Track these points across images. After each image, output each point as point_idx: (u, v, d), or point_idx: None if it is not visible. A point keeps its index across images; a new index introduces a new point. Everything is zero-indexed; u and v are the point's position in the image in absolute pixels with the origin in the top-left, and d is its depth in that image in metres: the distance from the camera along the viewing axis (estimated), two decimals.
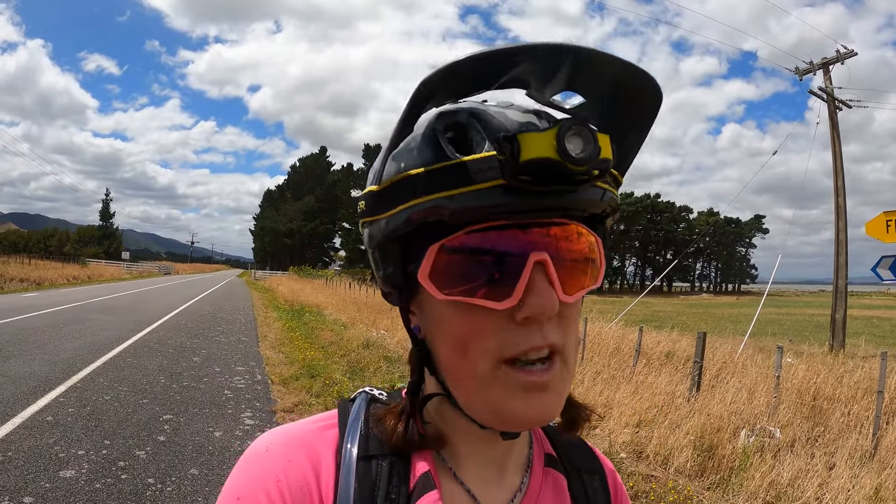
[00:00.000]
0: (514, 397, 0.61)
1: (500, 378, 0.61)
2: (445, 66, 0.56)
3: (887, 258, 9.37)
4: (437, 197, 0.58)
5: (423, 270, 0.61)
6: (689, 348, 10.98)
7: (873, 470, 5.47)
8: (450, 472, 0.71)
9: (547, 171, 0.55)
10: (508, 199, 0.56)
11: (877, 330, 24.43)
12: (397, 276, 0.65)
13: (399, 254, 0.64)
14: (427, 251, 0.61)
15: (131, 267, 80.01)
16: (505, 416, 0.62)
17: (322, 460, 0.68)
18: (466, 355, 0.62)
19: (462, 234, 0.59)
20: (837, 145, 19.72)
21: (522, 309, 0.59)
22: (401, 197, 0.61)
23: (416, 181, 0.60)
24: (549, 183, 0.57)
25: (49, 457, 5.35)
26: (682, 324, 16.76)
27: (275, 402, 8.03)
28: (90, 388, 8.08)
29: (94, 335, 13.48)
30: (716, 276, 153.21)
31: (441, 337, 0.65)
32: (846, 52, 19.66)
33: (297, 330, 16.20)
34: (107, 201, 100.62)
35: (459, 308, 0.61)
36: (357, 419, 0.72)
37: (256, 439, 0.72)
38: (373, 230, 0.66)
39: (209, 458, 5.64)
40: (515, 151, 0.55)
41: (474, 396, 0.63)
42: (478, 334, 0.61)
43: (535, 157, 0.54)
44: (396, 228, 0.62)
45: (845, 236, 19.48)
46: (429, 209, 0.58)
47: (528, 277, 0.59)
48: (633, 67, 0.61)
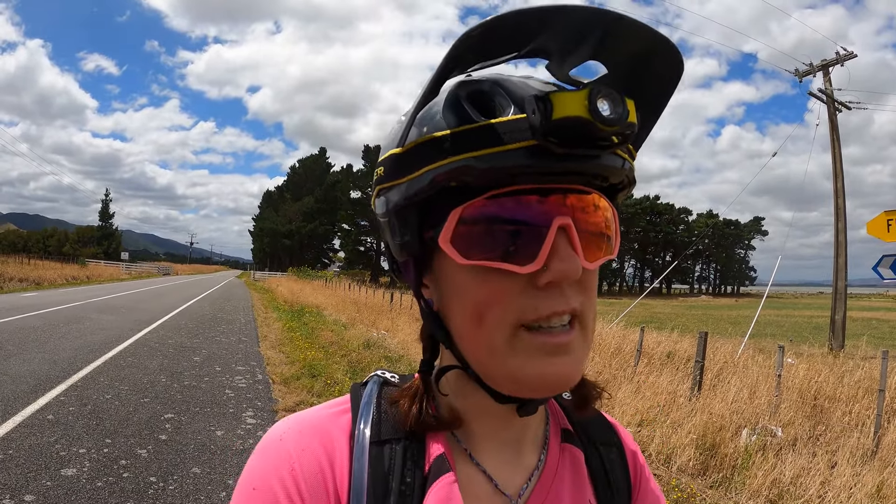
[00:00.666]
0: (535, 361, 0.61)
1: (519, 343, 0.61)
2: (491, 18, 0.55)
3: (888, 257, 9.38)
4: (465, 157, 0.57)
5: (444, 235, 0.61)
6: (689, 348, 10.99)
7: (875, 468, 5.47)
8: (465, 454, 0.71)
9: (577, 130, 0.55)
10: (535, 161, 0.56)
11: (876, 331, 24.40)
12: (414, 243, 0.64)
13: (417, 220, 0.64)
14: (449, 216, 0.60)
15: (130, 267, 79.91)
16: (525, 381, 0.62)
17: (336, 446, 0.68)
18: (484, 322, 0.61)
19: (484, 198, 0.59)
20: (837, 147, 19.74)
21: (546, 273, 0.59)
22: (425, 158, 0.60)
23: (443, 142, 0.59)
24: (575, 145, 0.57)
25: (50, 455, 5.34)
26: (682, 325, 16.73)
27: (276, 401, 8.02)
28: (91, 387, 8.06)
29: (94, 335, 13.45)
30: (715, 278, 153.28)
31: (458, 306, 0.64)
32: (846, 54, 19.69)
33: (297, 330, 16.18)
34: (106, 202, 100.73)
35: (479, 274, 0.61)
36: (369, 403, 0.72)
37: (271, 428, 0.72)
38: (391, 195, 0.65)
39: (211, 457, 5.63)
40: (548, 110, 0.55)
41: (493, 364, 0.63)
42: (497, 300, 0.60)
43: (567, 115, 0.55)
44: (419, 191, 0.61)
45: (845, 238, 19.50)
46: (455, 170, 0.58)
47: (553, 242, 0.59)
48: (663, 38, 0.61)
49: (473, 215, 0.60)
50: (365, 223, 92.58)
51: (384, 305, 23.42)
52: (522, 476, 0.73)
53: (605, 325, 14.34)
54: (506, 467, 0.72)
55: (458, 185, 0.59)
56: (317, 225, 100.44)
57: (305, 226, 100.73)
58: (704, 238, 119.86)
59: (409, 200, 0.62)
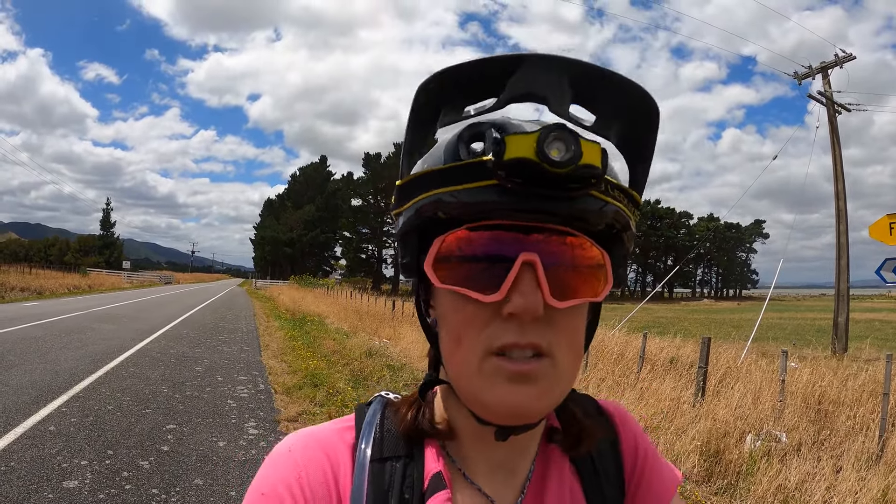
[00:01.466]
0: (497, 386, 0.63)
1: (487, 367, 0.63)
2: (438, 72, 0.63)
3: (891, 260, 9.36)
4: (439, 192, 0.63)
5: (427, 260, 0.65)
6: (692, 354, 10.97)
7: (880, 472, 5.45)
8: (460, 474, 0.74)
9: (528, 171, 0.58)
10: (504, 199, 0.60)
11: (879, 333, 24.35)
12: (412, 266, 0.69)
13: (416, 246, 0.68)
14: (433, 242, 0.65)
15: (132, 276, 80.00)
16: (488, 405, 0.64)
17: (341, 460, 0.73)
18: (460, 346, 0.65)
19: (464, 228, 0.63)
20: (837, 149, 19.75)
21: (507, 305, 0.62)
22: (415, 191, 0.66)
23: (430, 178, 0.64)
24: (536, 185, 0.59)
25: (52, 467, 5.33)
26: (685, 330, 16.75)
27: (278, 411, 8.01)
28: (92, 398, 8.06)
29: (96, 345, 13.46)
30: (717, 281, 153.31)
31: (444, 328, 0.68)
32: (845, 56, 19.72)
33: (299, 339, 16.18)
34: (107, 211, 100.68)
35: (456, 300, 0.65)
36: (372, 422, 0.76)
37: (281, 441, 0.77)
38: (399, 220, 0.70)
39: (213, 468, 5.61)
40: (501, 151, 0.58)
41: (466, 385, 0.66)
42: (469, 326, 0.64)
43: (515, 157, 0.58)
44: (409, 220, 0.67)
45: (846, 240, 19.48)
46: (432, 202, 0.63)
47: (515, 275, 0.61)
48: (630, 84, 0.65)
49: (451, 243, 0.64)
50: (366, 231, 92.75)
51: (386, 313, 23.43)
52: (516, 488, 0.76)
53: (607, 330, 14.31)
54: (499, 486, 0.75)
55: (446, 217, 0.63)
56: (318, 233, 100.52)
57: (307, 234, 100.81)
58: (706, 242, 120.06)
59: (407, 227, 0.67)
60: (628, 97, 0.66)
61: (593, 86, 0.66)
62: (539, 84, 0.66)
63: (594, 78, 0.65)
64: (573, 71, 0.64)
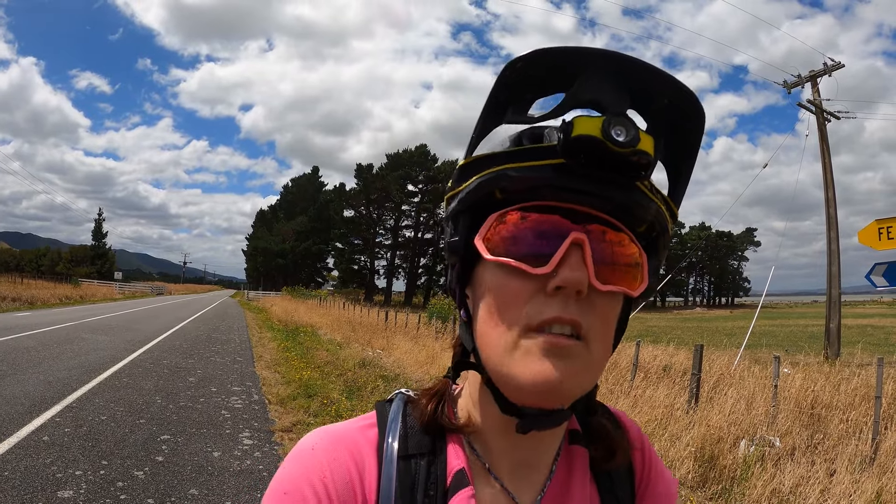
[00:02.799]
0: (531, 360, 0.64)
1: (523, 343, 0.65)
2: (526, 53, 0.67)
3: (881, 265, 9.41)
4: (504, 167, 0.66)
5: (479, 234, 0.68)
6: (685, 361, 11.01)
7: (874, 474, 5.49)
8: (484, 469, 0.75)
9: (592, 150, 0.62)
10: (560, 178, 0.64)
11: (871, 338, 24.42)
12: (461, 244, 0.70)
13: (468, 224, 0.70)
14: (487, 218, 0.68)
15: (124, 287, 79.56)
16: (519, 378, 0.65)
17: (365, 459, 0.73)
18: (500, 322, 0.66)
19: (517, 207, 0.67)
20: (827, 157, 19.88)
21: (554, 279, 0.64)
22: (479, 169, 0.68)
23: (494, 157, 0.67)
24: (594, 167, 0.63)
25: (46, 477, 5.30)
26: (678, 338, 16.77)
27: (273, 421, 7.99)
28: (86, 408, 8.01)
29: (89, 355, 13.40)
30: (709, 289, 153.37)
31: (483, 306, 0.69)
32: (833, 65, 19.88)
33: (292, 350, 16.16)
34: (99, 221, 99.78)
35: (501, 276, 0.66)
36: (396, 419, 0.77)
37: (302, 439, 0.76)
38: (453, 202, 0.72)
39: (208, 479, 5.59)
40: (569, 129, 0.62)
41: (500, 363, 0.67)
42: (512, 300, 0.66)
43: (582, 134, 0.61)
44: (467, 196, 0.69)
45: (837, 246, 19.58)
46: (495, 177, 0.66)
47: (565, 251, 0.64)
48: (691, 93, 0.68)
49: (505, 220, 0.67)
50: (358, 242, 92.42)
51: (379, 324, 23.41)
52: (537, 486, 0.77)
53: None
54: (522, 482, 0.76)
55: (503, 197, 0.67)
56: (310, 244, 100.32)
57: (299, 245, 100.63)
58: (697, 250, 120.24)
59: (463, 204, 0.70)
60: (685, 105, 0.69)
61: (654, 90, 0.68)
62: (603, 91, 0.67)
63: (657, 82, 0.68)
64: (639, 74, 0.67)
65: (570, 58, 0.67)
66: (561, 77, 0.68)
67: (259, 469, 5.95)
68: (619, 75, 0.67)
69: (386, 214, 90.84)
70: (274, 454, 6.46)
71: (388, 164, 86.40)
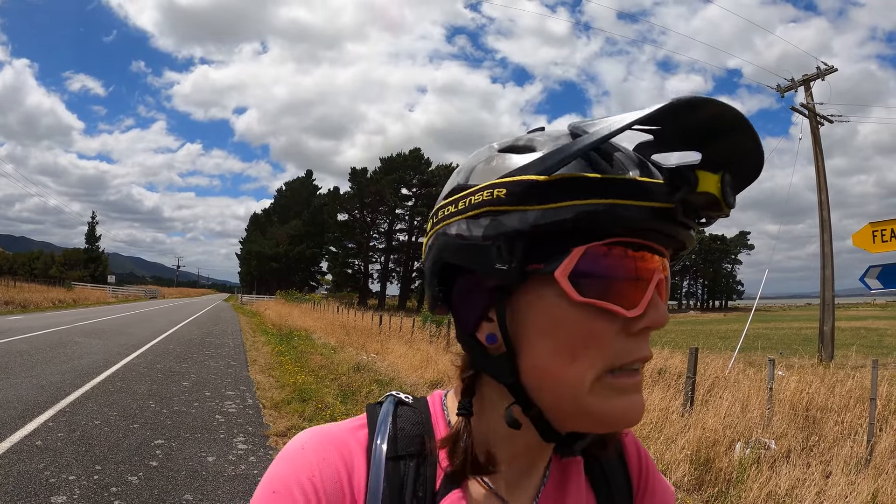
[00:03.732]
0: (615, 399, 0.65)
1: (601, 384, 0.65)
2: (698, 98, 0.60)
3: (874, 268, 9.47)
4: (612, 202, 0.61)
5: (562, 270, 0.63)
6: (680, 364, 11.01)
7: (870, 476, 5.50)
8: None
9: (705, 206, 0.63)
10: (659, 221, 0.63)
11: (865, 340, 24.56)
12: (515, 271, 0.64)
13: (524, 250, 0.64)
14: (571, 252, 0.63)
15: (117, 291, 79.28)
16: (604, 417, 0.66)
17: (354, 459, 0.72)
18: (575, 360, 0.64)
19: (604, 242, 0.63)
20: (820, 160, 19.98)
21: (643, 320, 0.65)
22: (572, 194, 0.61)
23: (591, 183, 0.62)
24: (692, 216, 0.65)
25: (39, 482, 5.26)
26: (672, 341, 16.74)
27: (267, 426, 7.96)
28: (79, 413, 7.97)
29: (82, 359, 13.34)
30: (703, 293, 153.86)
31: (546, 342, 0.65)
32: (826, 69, 19.99)
33: (286, 354, 16.11)
34: (92, 224, 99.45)
35: (583, 313, 0.64)
36: (385, 421, 0.75)
37: (292, 439, 0.75)
38: (506, 219, 0.64)
39: (203, 484, 5.56)
40: (693, 183, 0.62)
41: (570, 401, 0.66)
42: (596, 341, 0.64)
43: (706, 191, 0.62)
44: (556, 222, 0.61)
45: (830, 249, 19.67)
46: (602, 211, 0.61)
47: (653, 292, 0.66)
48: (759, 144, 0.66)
49: (592, 257, 0.63)
50: (352, 246, 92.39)
51: (373, 328, 23.40)
52: (530, 491, 0.76)
53: None
54: (513, 487, 0.75)
55: (583, 226, 0.62)
56: (304, 248, 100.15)
57: (293, 249, 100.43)
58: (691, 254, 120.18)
59: (535, 229, 0.62)
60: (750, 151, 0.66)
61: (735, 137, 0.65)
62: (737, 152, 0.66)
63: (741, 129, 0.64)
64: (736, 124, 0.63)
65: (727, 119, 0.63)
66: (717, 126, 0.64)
67: (254, 474, 5.92)
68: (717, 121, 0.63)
69: (380, 218, 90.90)
70: (269, 459, 6.43)
71: (382, 167, 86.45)
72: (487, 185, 0.66)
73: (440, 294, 0.72)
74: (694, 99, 0.60)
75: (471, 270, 0.67)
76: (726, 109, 0.61)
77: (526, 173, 0.64)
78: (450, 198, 0.70)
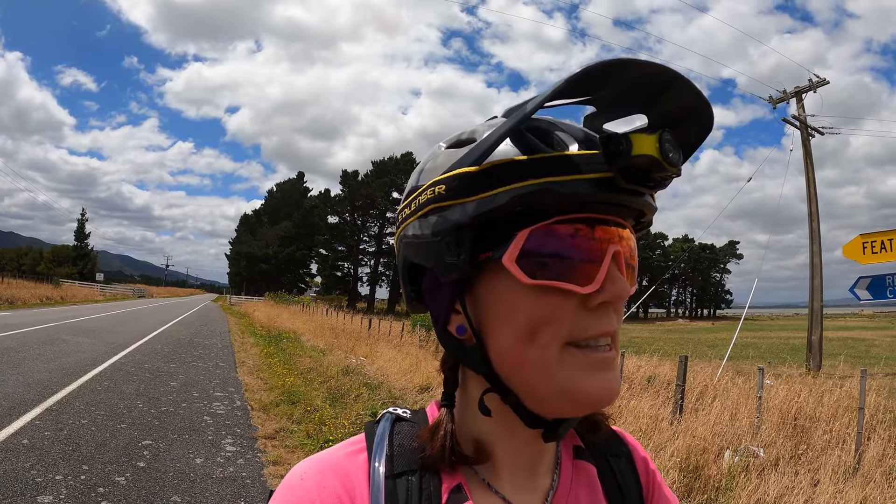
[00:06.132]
0: (585, 376, 0.64)
1: (567, 360, 0.64)
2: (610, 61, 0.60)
3: (864, 279, 9.56)
4: (546, 181, 0.61)
5: (509, 255, 0.63)
6: (669, 373, 11.05)
7: (857, 484, 5.54)
8: (482, 482, 0.73)
9: (644, 168, 0.62)
10: (602, 192, 0.62)
11: (852, 350, 24.70)
12: (467, 263, 0.65)
13: (472, 241, 0.65)
14: (515, 237, 0.63)
15: (105, 289, 78.94)
16: (576, 395, 0.64)
17: (356, 484, 0.70)
18: (535, 340, 0.64)
19: (550, 222, 0.63)
20: (811, 171, 20.10)
21: (600, 294, 0.64)
22: (503, 179, 0.62)
23: (523, 166, 0.62)
24: (636, 182, 0.63)
25: (26, 481, 5.22)
26: (661, 349, 16.80)
27: (255, 428, 7.93)
28: (66, 412, 7.91)
29: (69, 357, 13.26)
30: (691, 301, 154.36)
31: (507, 326, 0.65)
32: (818, 81, 20.14)
33: (274, 356, 16.06)
34: (82, 221, 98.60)
35: (537, 293, 0.63)
36: (383, 440, 0.74)
37: (291, 470, 0.73)
38: (449, 213, 0.65)
39: (191, 485, 5.53)
40: (627, 148, 0.61)
41: (541, 382, 0.65)
42: (552, 318, 0.63)
43: (643, 153, 0.61)
44: (492, 210, 0.62)
45: (819, 260, 19.79)
46: (537, 192, 0.61)
47: (608, 265, 0.64)
48: (705, 100, 0.66)
49: (538, 237, 0.63)
50: (342, 248, 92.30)
51: (362, 331, 23.37)
52: (539, 499, 0.75)
53: None
54: (522, 492, 0.74)
55: (522, 209, 0.62)
56: (294, 250, 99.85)
57: (282, 250, 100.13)
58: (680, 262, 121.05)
59: (476, 219, 0.63)
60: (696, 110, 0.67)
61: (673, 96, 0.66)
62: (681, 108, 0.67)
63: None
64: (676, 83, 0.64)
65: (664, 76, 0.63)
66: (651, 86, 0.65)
67: (242, 476, 5.89)
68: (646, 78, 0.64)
69: (370, 221, 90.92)
70: (257, 461, 6.41)
71: (373, 171, 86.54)
72: (430, 183, 0.68)
73: (412, 293, 0.74)
74: (609, 62, 0.59)
75: (432, 267, 0.68)
76: (656, 68, 0.62)
77: (461, 166, 0.65)
78: (406, 200, 0.72)
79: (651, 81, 0.64)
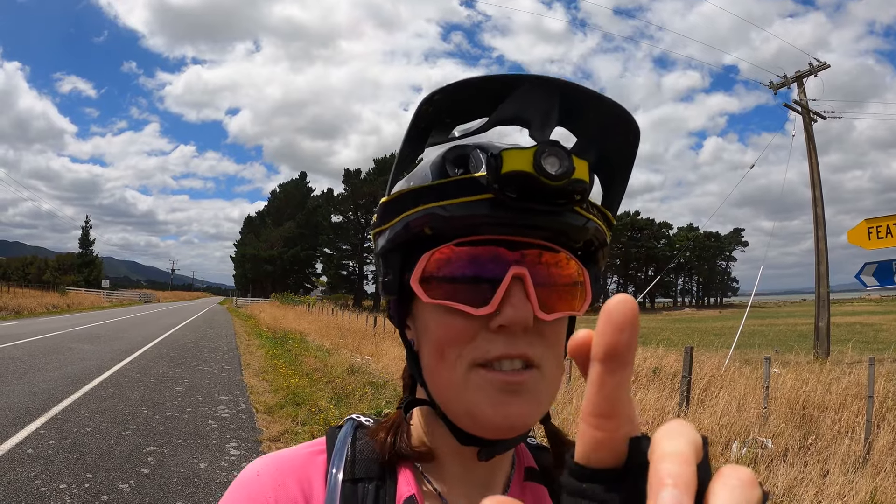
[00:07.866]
0: (488, 398, 0.64)
1: (473, 380, 0.64)
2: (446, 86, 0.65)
3: (870, 265, 9.49)
4: (433, 206, 0.64)
5: (414, 276, 0.66)
6: (675, 363, 10.98)
7: (868, 474, 5.50)
8: (435, 495, 0.73)
9: (525, 184, 0.60)
10: (494, 213, 0.62)
11: (860, 336, 24.55)
12: (394, 283, 0.69)
13: (399, 263, 0.69)
14: (420, 258, 0.65)
15: (111, 295, 79.20)
16: (480, 417, 0.64)
17: (313, 485, 0.72)
18: (444, 359, 0.66)
19: (452, 244, 0.64)
20: (814, 156, 20.02)
21: (498, 317, 0.63)
22: (403, 207, 0.67)
23: (419, 194, 0.66)
24: (529, 199, 0.61)
25: (30, 491, 5.21)
26: (667, 339, 16.72)
27: (260, 431, 7.92)
28: (71, 420, 7.91)
29: (75, 365, 13.27)
30: (698, 290, 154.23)
31: (425, 343, 0.69)
32: (819, 65, 20.04)
33: (280, 357, 16.06)
34: (86, 228, 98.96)
35: (441, 313, 0.65)
36: (344, 444, 0.75)
37: (247, 466, 0.75)
38: (381, 239, 0.71)
39: (195, 491, 5.52)
40: (498, 165, 0.60)
41: (452, 399, 0.67)
42: (455, 339, 0.65)
43: (513, 170, 0.60)
44: (396, 236, 0.67)
45: (825, 245, 19.71)
46: (424, 216, 0.64)
47: (506, 288, 0.63)
48: (620, 109, 0.68)
49: (440, 259, 0.65)
50: (347, 247, 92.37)
51: (368, 330, 23.34)
52: None
53: None
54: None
55: (433, 233, 0.65)
56: (298, 250, 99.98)
57: (287, 251, 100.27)
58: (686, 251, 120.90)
59: (392, 244, 0.68)
60: (614, 120, 0.68)
61: (582, 108, 0.68)
62: (529, 107, 0.68)
63: (584, 100, 0.68)
64: (567, 92, 0.67)
65: (495, 83, 0.66)
66: (486, 101, 0.68)
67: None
68: (545, 93, 0.67)
69: None
70: None
71: (375, 168, 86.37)
72: (377, 208, 0.72)
73: (388, 305, 0.77)
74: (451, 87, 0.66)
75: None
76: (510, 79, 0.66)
77: (386, 195, 0.71)
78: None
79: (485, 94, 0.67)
